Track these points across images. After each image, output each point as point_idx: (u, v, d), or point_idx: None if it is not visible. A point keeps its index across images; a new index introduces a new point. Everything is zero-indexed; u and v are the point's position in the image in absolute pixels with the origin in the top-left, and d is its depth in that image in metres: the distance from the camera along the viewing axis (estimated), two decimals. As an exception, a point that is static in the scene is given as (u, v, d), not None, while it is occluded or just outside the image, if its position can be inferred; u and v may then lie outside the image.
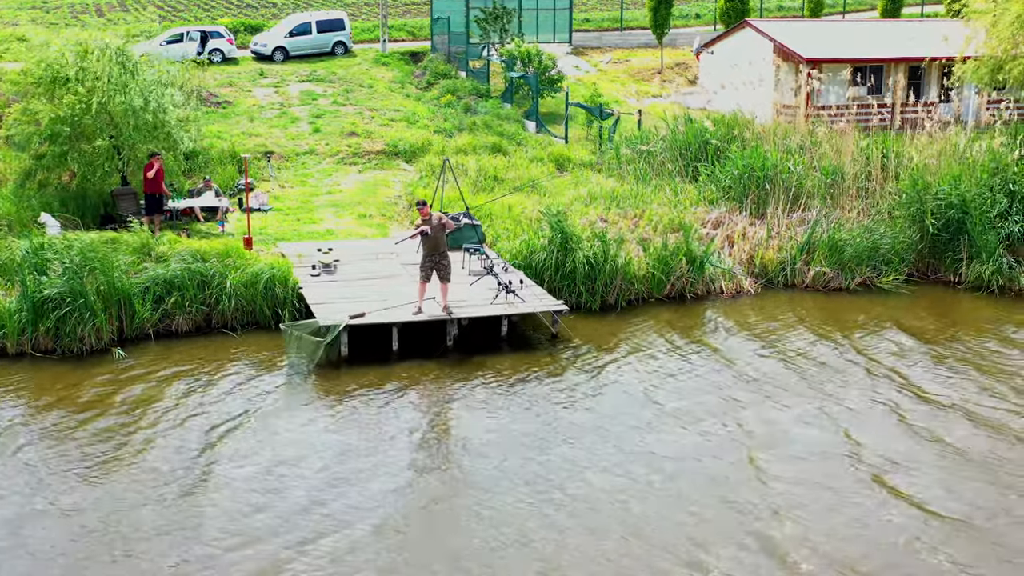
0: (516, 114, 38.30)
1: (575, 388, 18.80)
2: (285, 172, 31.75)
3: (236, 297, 21.30)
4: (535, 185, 29.26)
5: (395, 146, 33.83)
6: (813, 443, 16.57)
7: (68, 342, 19.94)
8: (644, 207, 27.19)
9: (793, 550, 13.39)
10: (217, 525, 13.90)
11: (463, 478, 15.36)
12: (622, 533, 13.79)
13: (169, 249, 22.09)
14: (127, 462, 15.63)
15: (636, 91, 43.01)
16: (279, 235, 25.73)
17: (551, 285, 22.96)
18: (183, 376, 19.04)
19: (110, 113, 25.21)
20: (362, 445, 16.32)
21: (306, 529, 13.78)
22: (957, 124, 31.70)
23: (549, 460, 15.88)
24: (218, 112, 36.41)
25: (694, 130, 31.33)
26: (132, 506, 14.39)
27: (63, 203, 25.66)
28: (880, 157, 28.26)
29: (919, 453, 16.21)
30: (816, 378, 19.33)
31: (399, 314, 20.22)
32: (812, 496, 14.79)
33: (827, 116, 34.48)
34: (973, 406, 17.97)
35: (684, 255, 24.21)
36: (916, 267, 25.99)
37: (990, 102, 38.22)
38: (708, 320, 22.88)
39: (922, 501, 14.66)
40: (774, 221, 26.56)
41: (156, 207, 25.11)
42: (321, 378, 19.06)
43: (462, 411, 17.78)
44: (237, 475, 15.31)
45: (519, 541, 13.59)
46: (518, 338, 21.13)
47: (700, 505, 14.54)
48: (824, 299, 24.43)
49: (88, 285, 20.11)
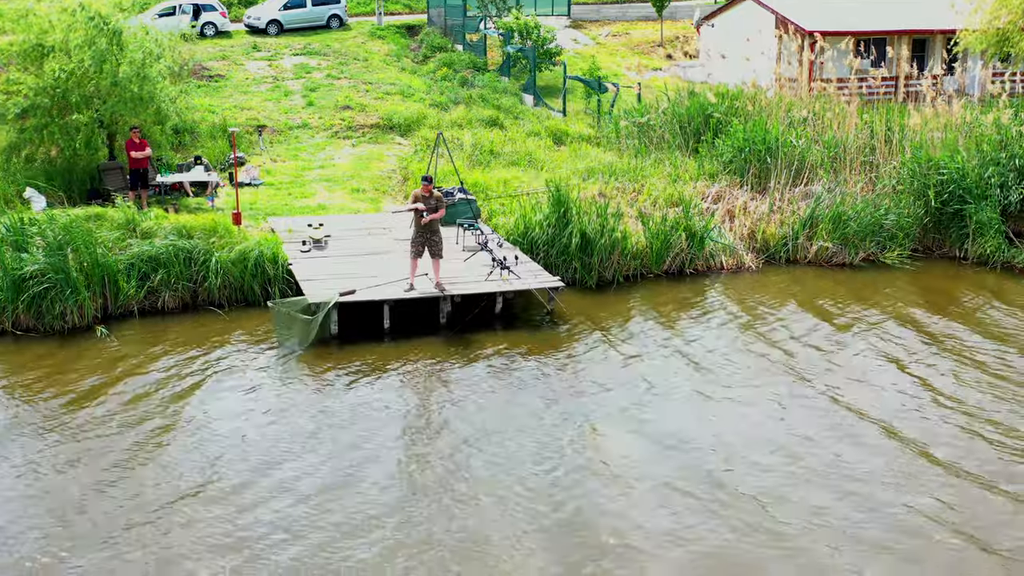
0: (513, 87, 37.68)
1: (570, 367, 18.29)
2: (277, 146, 31.15)
3: (224, 274, 20.76)
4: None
5: (390, 120, 33.21)
6: (818, 422, 16.10)
7: (50, 320, 19.41)
8: (643, 181, 26.61)
9: (797, 522, 12.95)
10: (197, 508, 13.42)
11: (456, 462, 14.85)
12: (616, 514, 13.33)
13: (155, 225, 21.53)
14: (105, 443, 15.13)
15: (636, 64, 42.30)
16: (270, 210, 25.17)
17: (547, 261, 22.42)
18: (168, 355, 18.51)
19: (96, 84, 24.60)
20: (351, 426, 15.82)
21: (291, 514, 13.31)
22: (961, 96, 31.09)
23: (542, 441, 15.38)
24: (210, 86, 35.76)
25: (695, 103, 30.70)
26: (107, 486, 13.91)
27: (49, 177, 25.10)
28: (884, 130, 27.65)
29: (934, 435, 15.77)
30: (819, 356, 18.83)
31: (391, 291, 19.69)
32: (819, 470, 14.35)
33: (831, 88, 33.79)
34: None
35: (684, 230, 23.66)
36: (921, 242, 25.45)
37: (995, 74, 37.54)
38: (708, 297, 22.35)
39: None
40: (776, 195, 26.00)
41: (142, 182, 24.54)
42: (310, 357, 18.53)
43: (455, 391, 17.26)
44: (222, 454, 14.82)
45: (505, 523, 13.13)
46: (513, 316, 20.60)
47: (692, 484, 14.06)
48: (827, 275, 23.88)
49: (71, 262, 19.56)
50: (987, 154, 25.26)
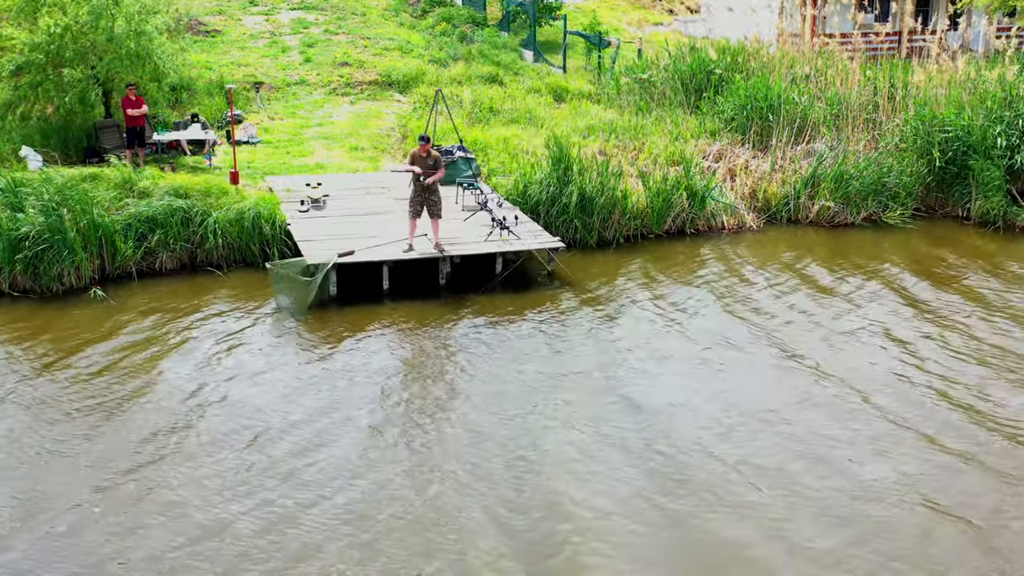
0: (513, 43, 37.26)
1: (571, 328, 18.19)
2: (275, 103, 30.84)
3: (222, 235, 20.63)
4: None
5: (388, 76, 32.87)
6: (804, 389, 16.04)
7: (47, 281, 19.29)
8: (644, 139, 26.38)
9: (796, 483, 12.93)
10: (191, 477, 13.37)
11: (456, 428, 14.79)
12: (612, 483, 13.30)
13: (151, 185, 21.35)
14: (101, 405, 15.05)
15: (637, 19, 41.86)
16: (268, 169, 24.96)
17: (547, 221, 22.28)
18: (166, 316, 18.42)
19: (92, 40, 24.28)
20: (348, 390, 15.74)
21: (286, 483, 13.27)
22: (964, 52, 30.75)
23: (543, 406, 15.33)
24: (206, 41, 35.35)
25: (697, 59, 30.38)
26: (105, 449, 13.85)
27: (45, 136, 24.81)
28: (887, 87, 27.38)
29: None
30: (821, 317, 18.75)
31: (389, 252, 19.56)
32: (816, 435, 14.31)
33: (833, 44, 33.43)
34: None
35: (684, 189, 23.49)
36: (924, 201, 25.30)
37: (999, 29, 37.12)
38: (709, 257, 22.22)
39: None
40: (778, 154, 25.79)
41: (138, 140, 24.31)
42: (308, 318, 18.45)
43: (455, 353, 17.18)
44: (217, 423, 14.76)
45: (503, 490, 13.10)
46: (513, 276, 20.49)
47: (691, 454, 14.02)
48: (829, 235, 23.77)
49: (67, 222, 19.41)
50: (992, 112, 24.99)
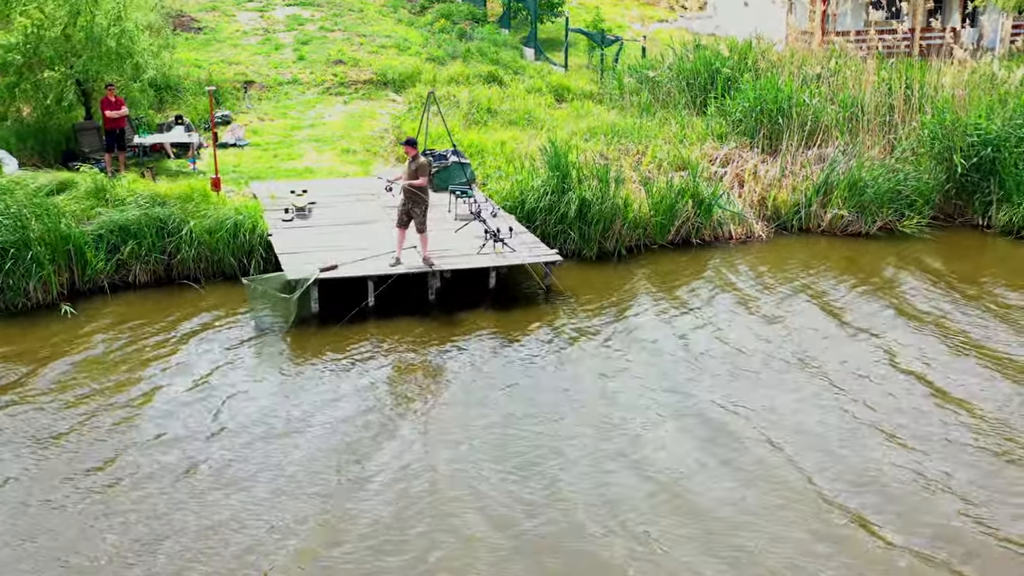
0: (514, 40, 36.12)
1: (568, 348, 17.04)
2: (266, 103, 29.71)
3: (199, 246, 19.49)
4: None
5: (384, 75, 31.72)
6: (835, 404, 14.89)
7: (12, 296, 18.13)
8: (648, 142, 25.17)
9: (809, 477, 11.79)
10: (167, 500, 12.26)
11: (442, 454, 13.66)
12: (611, 502, 12.18)
13: (126, 192, 20.19)
14: (67, 429, 13.95)
15: (640, 16, 40.67)
16: (253, 173, 23.83)
17: (544, 231, 21.12)
18: (138, 333, 17.29)
19: (69, 39, 23.15)
20: (325, 414, 14.61)
21: (265, 505, 12.16)
22: (980, 51, 29.52)
23: (536, 430, 14.18)
24: (197, 39, 34.23)
25: (703, 58, 29.17)
26: (70, 475, 12.76)
27: (21, 138, 23.74)
28: (903, 88, 26.12)
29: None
30: (834, 334, 17.58)
31: (375, 266, 18.39)
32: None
33: (846, 42, 32.23)
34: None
35: (690, 196, 22.31)
36: (941, 209, 24.08)
37: (1015, 26, 35.84)
38: (716, 269, 21.03)
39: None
40: (788, 159, 24.59)
41: (118, 143, 23.20)
42: (288, 336, 17.31)
43: (442, 374, 16.05)
44: (192, 442, 13.64)
45: (498, 512, 11.97)
46: (507, 291, 19.32)
47: (695, 465, 12.89)
48: (842, 244, 22.58)
49: (32, 234, 18.24)
50: (1016, 113, 23.74)
